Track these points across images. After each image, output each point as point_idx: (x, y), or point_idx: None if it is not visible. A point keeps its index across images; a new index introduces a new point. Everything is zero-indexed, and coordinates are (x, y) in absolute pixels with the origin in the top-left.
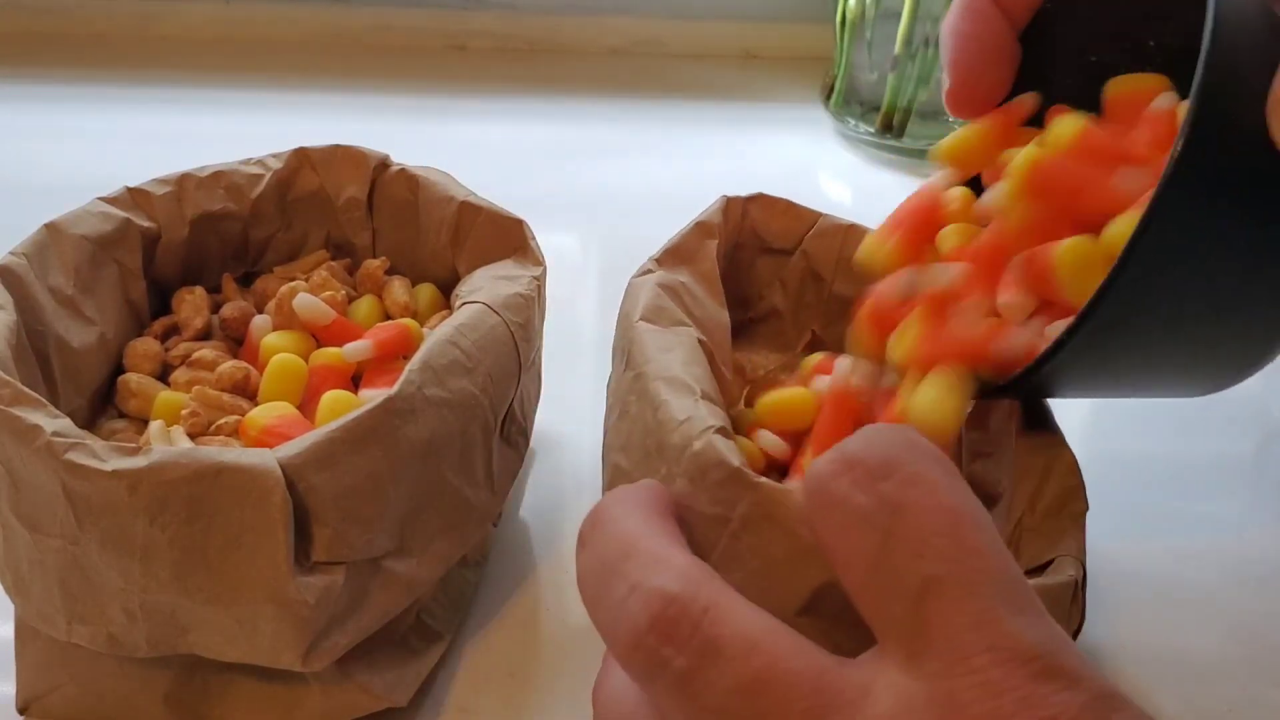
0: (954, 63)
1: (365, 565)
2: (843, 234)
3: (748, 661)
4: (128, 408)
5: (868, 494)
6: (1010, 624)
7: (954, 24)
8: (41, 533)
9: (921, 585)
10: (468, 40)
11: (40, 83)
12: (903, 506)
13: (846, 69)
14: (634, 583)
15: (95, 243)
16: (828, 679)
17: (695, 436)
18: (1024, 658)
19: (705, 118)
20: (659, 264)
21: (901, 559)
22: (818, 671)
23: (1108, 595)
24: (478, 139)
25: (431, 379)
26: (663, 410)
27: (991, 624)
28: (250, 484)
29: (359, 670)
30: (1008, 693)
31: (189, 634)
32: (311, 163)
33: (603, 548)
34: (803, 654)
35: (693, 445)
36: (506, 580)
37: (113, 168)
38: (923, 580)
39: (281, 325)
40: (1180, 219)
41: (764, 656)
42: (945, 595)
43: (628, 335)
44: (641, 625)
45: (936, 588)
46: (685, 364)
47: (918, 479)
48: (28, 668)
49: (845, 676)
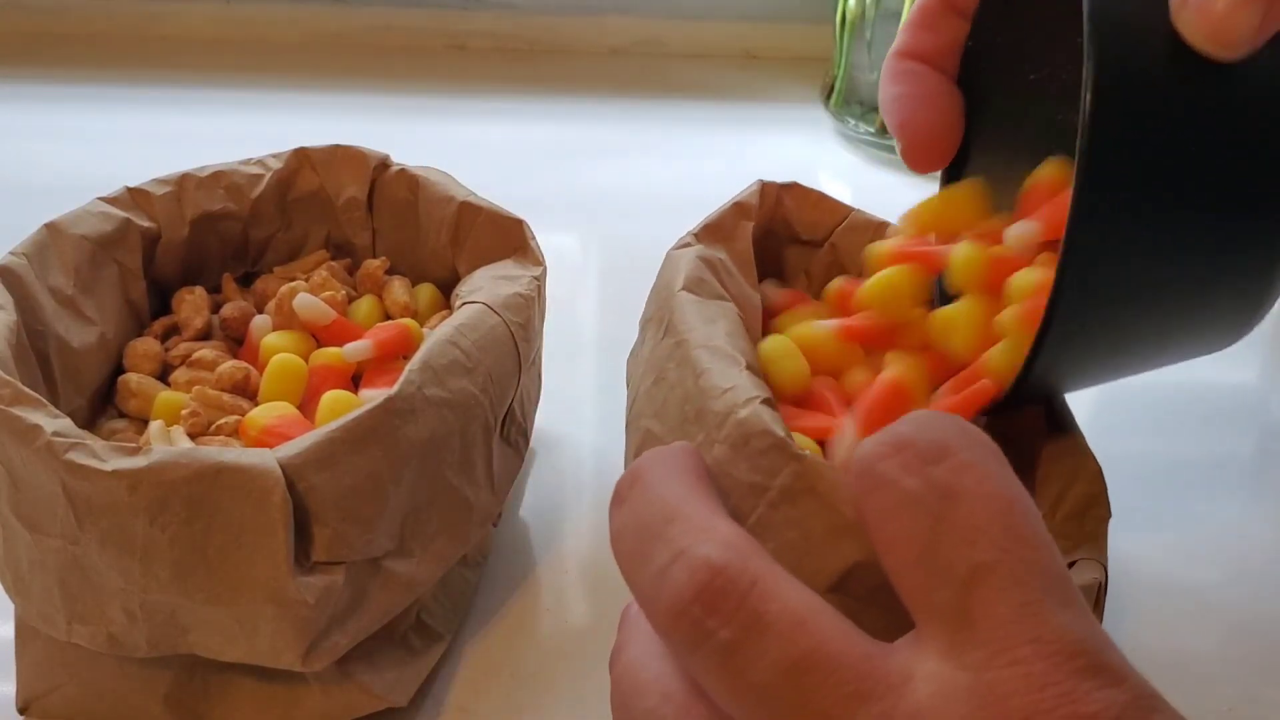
0: (901, 126)
1: (365, 565)
2: (873, 230)
3: (794, 640)
4: (128, 408)
5: (919, 477)
6: (1056, 618)
7: (890, 89)
8: (42, 532)
9: (970, 573)
10: (468, 40)
11: (40, 83)
12: (955, 492)
13: (846, 69)
14: (679, 549)
15: (95, 243)
16: (872, 664)
17: (740, 405)
18: (1068, 652)
19: (705, 118)
20: (698, 239)
21: (951, 545)
22: (862, 655)
23: (1108, 595)
24: (478, 139)
25: (431, 379)
26: (705, 378)
27: (1037, 616)
28: (250, 484)
29: (359, 670)
30: (1050, 686)
31: (189, 634)
32: (311, 163)
33: (644, 509)
34: (848, 636)
35: (737, 413)
36: (506, 580)
37: (113, 168)
38: (972, 568)
39: (281, 325)
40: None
41: (810, 636)
42: (993, 584)
43: (668, 304)
44: (687, 594)
45: (985, 576)
46: (729, 335)
47: (970, 465)
48: (28, 667)
49: (888, 662)
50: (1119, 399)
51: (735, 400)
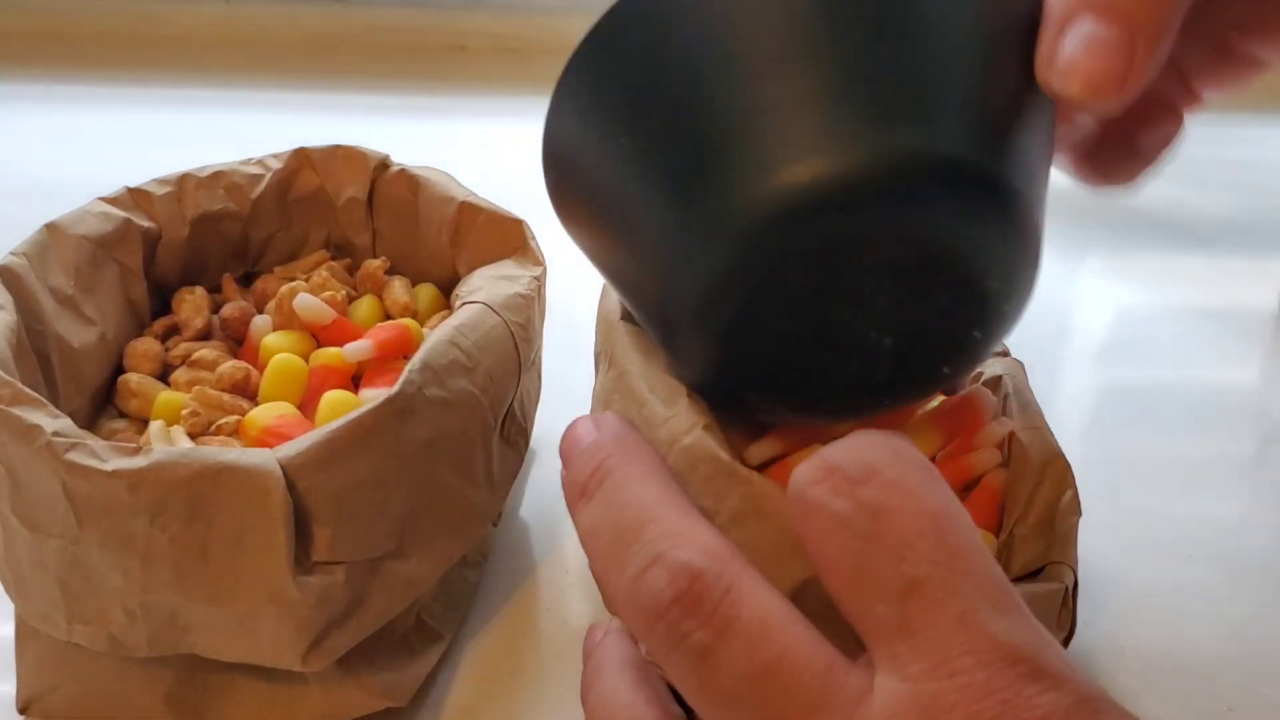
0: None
1: (365, 565)
2: None
3: (761, 647)
4: (128, 408)
5: (847, 499)
6: (994, 624)
7: None
8: (42, 532)
9: (904, 587)
10: (468, 40)
11: (40, 83)
12: (883, 510)
13: None
14: (657, 552)
15: (95, 243)
16: (834, 676)
17: (684, 432)
18: (1008, 659)
19: None
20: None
21: (883, 562)
22: (825, 667)
23: (1107, 595)
24: (478, 139)
25: (431, 379)
26: (646, 408)
27: (975, 625)
28: (250, 484)
29: (359, 670)
30: (993, 694)
31: (189, 634)
32: (312, 163)
33: (618, 510)
34: (814, 647)
35: (682, 440)
36: (506, 580)
37: (113, 168)
38: (905, 582)
39: (282, 325)
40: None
41: (776, 644)
42: (927, 596)
43: (609, 337)
44: (665, 598)
45: (918, 589)
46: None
47: (897, 483)
48: (28, 667)
49: (850, 675)
50: (1118, 398)
51: (678, 428)
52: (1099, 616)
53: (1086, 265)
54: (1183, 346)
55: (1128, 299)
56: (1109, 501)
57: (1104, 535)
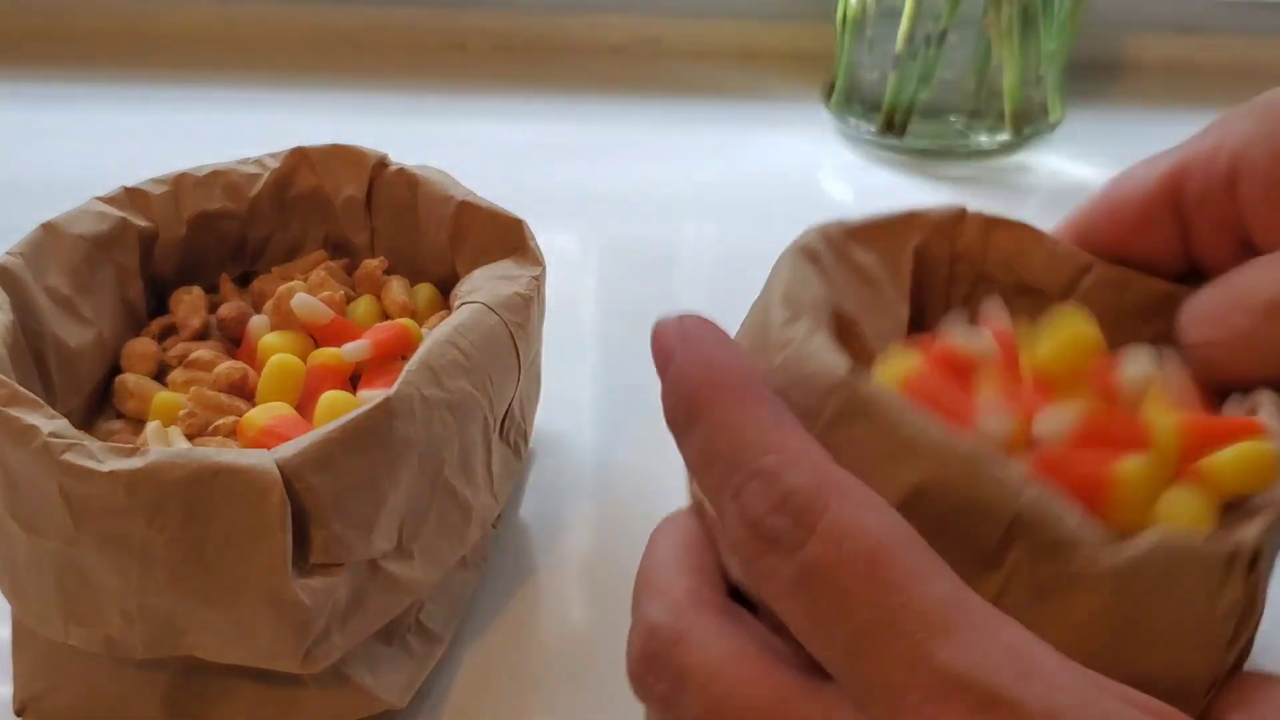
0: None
1: (364, 567)
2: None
3: (708, 690)
4: (125, 408)
5: (788, 563)
6: (940, 655)
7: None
8: (38, 534)
9: (850, 639)
10: (467, 38)
11: (39, 82)
12: (819, 568)
13: (847, 68)
14: (640, 614)
15: (92, 242)
16: (788, 707)
17: (799, 336)
18: (956, 689)
19: (705, 117)
20: (850, 236)
21: (829, 620)
22: (777, 699)
23: None
24: (477, 138)
25: (430, 379)
26: (774, 310)
27: (920, 659)
28: (248, 485)
29: (357, 672)
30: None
31: (187, 636)
32: (310, 162)
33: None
34: (767, 680)
35: (795, 341)
36: (506, 582)
37: (111, 167)
38: (850, 634)
39: (279, 325)
40: None
41: (722, 685)
42: (873, 641)
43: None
44: (634, 654)
45: (864, 637)
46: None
47: (832, 530)
48: (25, 669)
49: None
50: None
51: (796, 332)
52: None
53: None
54: None
55: None
56: None
57: None
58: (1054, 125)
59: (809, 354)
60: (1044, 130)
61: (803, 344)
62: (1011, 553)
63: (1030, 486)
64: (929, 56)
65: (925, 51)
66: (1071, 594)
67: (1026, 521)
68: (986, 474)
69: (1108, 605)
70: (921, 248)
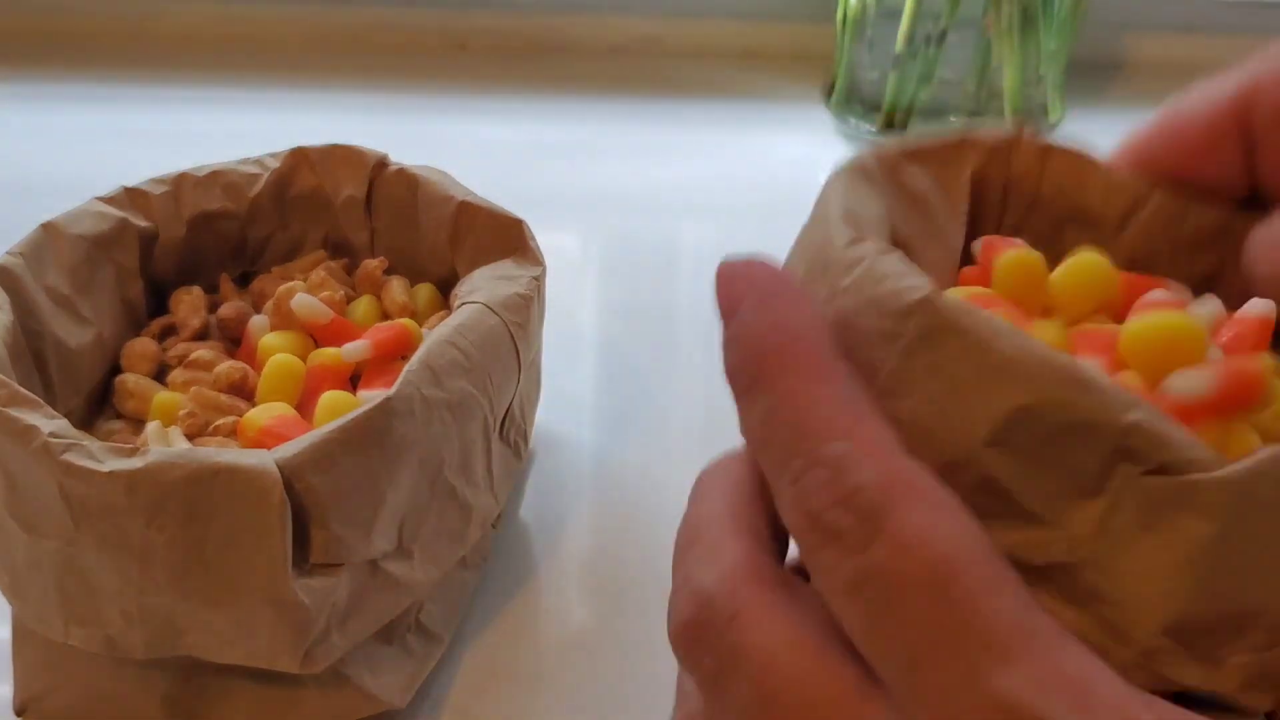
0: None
1: (364, 567)
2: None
3: (763, 679)
4: (125, 408)
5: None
6: (997, 680)
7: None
8: (38, 534)
9: (907, 653)
10: (468, 39)
11: (39, 82)
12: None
13: (847, 68)
14: (687, 574)
15: (92, 242)
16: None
17: (871, 254)
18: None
19: (705, 117)
20: (907, 158)
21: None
22: (831, 699)
23: None
24: (478, 139)
25: (430, 379)
26: (834, 228)
27: (977, 682)
28: (248, 485)
29: (357, 672)
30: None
31: (186, 636)
32: (310, 162)
33: (685, 523)
34: (824, 676)
35: (865, 259)
36: (506, 582)
37: (111, 167)
38: (907, 647)
39: (279, 325)
40: None
41: (778, 676)
42: (930, 658)
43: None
44: (680, 621)
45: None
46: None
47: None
48: (25, 669)
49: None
50: None
51: (864, 251)
52: None
53: None
54: None
55: None
56: None
57: None
58: (1054, 125)
59: (885, 273)
60: (1044, 130)
61: (875, 263)
62: (1117, 475)
63: (1138, 405)
64: (929, 56)
65: (925, 51)
66: (1182, 516)
67: (1134, 440)
68: (1093, 392)
69: (1222, 525)
70: (978, 172)
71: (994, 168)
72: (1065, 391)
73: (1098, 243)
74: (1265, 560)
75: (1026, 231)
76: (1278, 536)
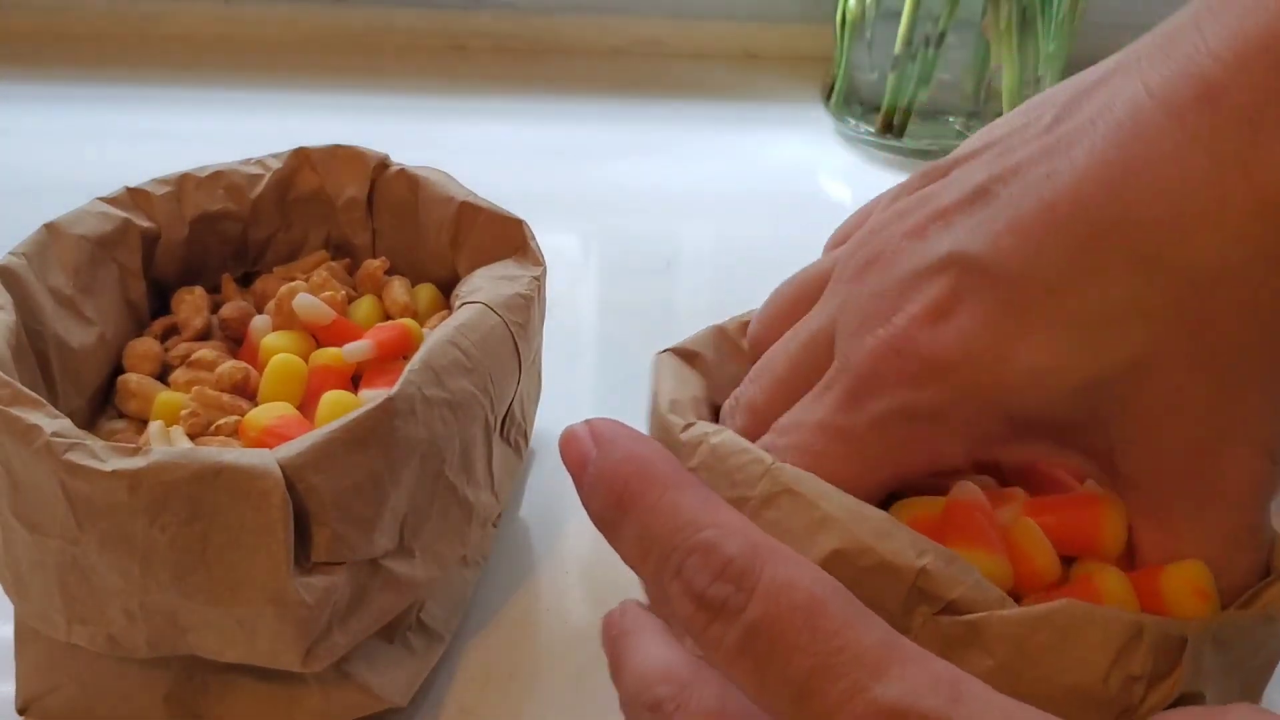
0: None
1: (365, 566)
2: None
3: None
4: (127, 408)
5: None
6: (878, 691)
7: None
8: (41, 533)
9: (795, 687)
10: (468, 40)
11: (40, 83)
12: (761, 626)
13: (846, 69)
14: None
15: (95, 243)
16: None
17: (710, 434)
18: (893, 718)
19: (705, 118)
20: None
21: (775, 674)
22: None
23: None
24: (478, 139)
25: (431, 379)
26: (668, 420)
27: (856, 697)
28: (250, 484)
29: (359, 671)
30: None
31: (189, 634)
32: (311, 163)
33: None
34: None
35: (709, 439)
36: (506, 581)
37: (113, 168)
38: (794, 682)
39: (281, 325)
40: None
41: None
42: (815, 686)
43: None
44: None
45: (807, 683)
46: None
47: (769, 588)
48: (27, 668)
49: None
50: None
51: (704, 431)
52: None
53: None
54: None
55: None
56: None
57: None
58: None
59: (728, 451)
60: None
61: (715, 444)
62: (917, 614)
63: (931, 548)
64: (928, 58)
65: (924, 53)
66: (971, 650)
67: (925, 582)
68: (891, 539)
69: (1004, 662)
70: None
71: None
72: (868, 538)
73: None
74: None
75: None
76: (1057, 674)
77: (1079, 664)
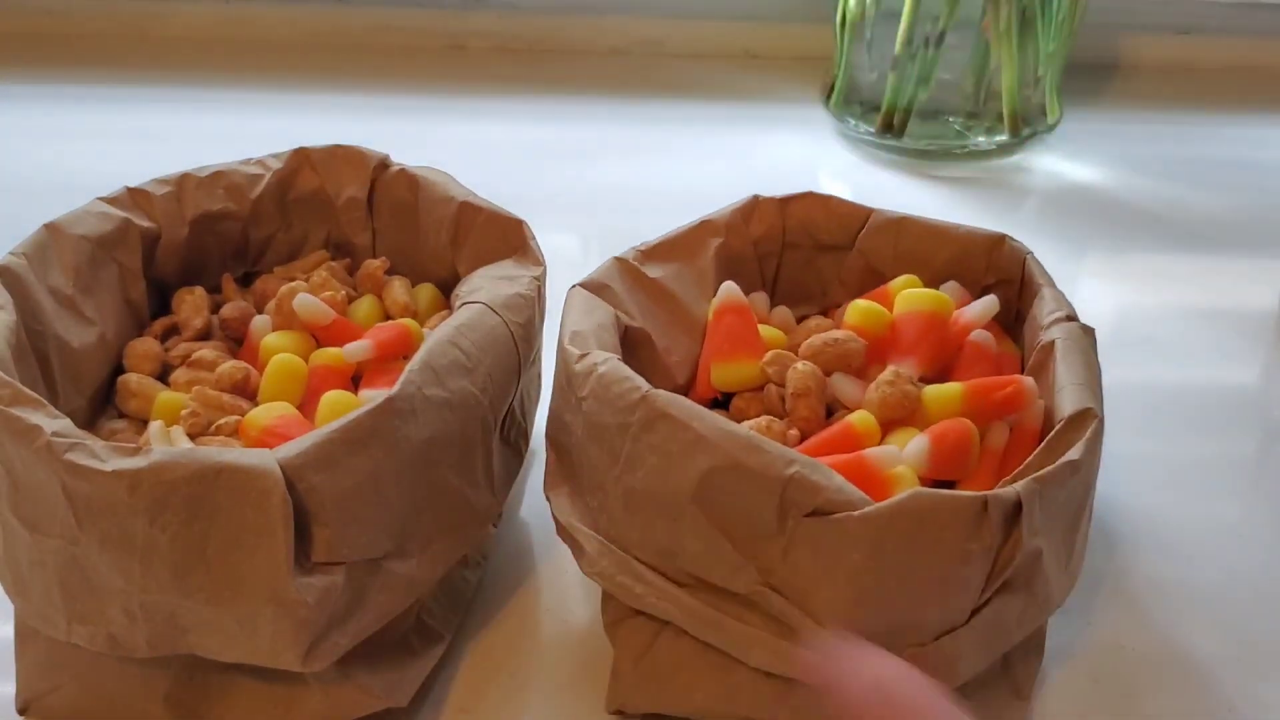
0: None
1: (365, 565)
2: (895, 228)
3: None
4: (128, 408)
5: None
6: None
7: None
8: (41, 533)
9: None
10: (468, 40)
11: (40, 83)
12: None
13: (846, 69)
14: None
15: (95, 243)
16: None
17: (600, 363)
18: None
19: (705, 118)
20: (645, 256)
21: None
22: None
23: (1109, 594)
24: (478, 139)
25: (431, 379)
26: (568, 351)
27: None
28: (250, 484)
29: (359, 671)
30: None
31: (189, 634)
32: (311, 163)
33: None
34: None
35: (598, 369)
36: (507, 581)
37: (113, 168)
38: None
39: (281, 325)
40: None
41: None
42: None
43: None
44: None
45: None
46: (600, 327)
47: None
48: (28, 668)
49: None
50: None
51: (593, 361)
52: (1102, 616)
53: (1086, 265)
54: (1183, 346)
55: (1128, 299)
56: (1110, 501)
57: (1104, 535)
58: (1052, 126)
59: (611, 379)
60: (1042, 131)
61: (604, 371)
62: (789, 519)
63: (797, 460)
64: (927, 58)
65: (924, 53)
66: (840, 547)
67: (792, 490)
68: (760, 453)
69: (870, 554)
70: (722, 247)
71: (735, 238)
72: (739, 454)
73: (840, 262)
74: (911, 578)
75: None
76: (914, 562)
77: (937, 545)
